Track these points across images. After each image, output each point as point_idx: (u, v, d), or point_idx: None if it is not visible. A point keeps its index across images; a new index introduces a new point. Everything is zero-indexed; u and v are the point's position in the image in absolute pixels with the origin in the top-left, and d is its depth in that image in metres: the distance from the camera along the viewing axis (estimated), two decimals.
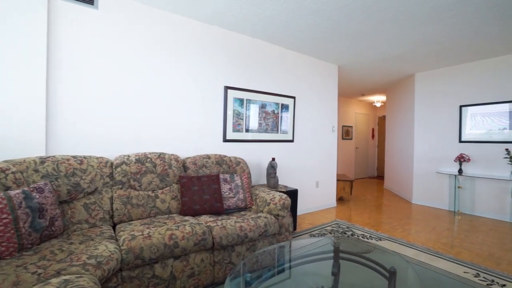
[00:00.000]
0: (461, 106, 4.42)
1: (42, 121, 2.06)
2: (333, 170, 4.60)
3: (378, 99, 7.94)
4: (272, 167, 3.11)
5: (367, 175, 8.71)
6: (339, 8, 2.61)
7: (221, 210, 2.37)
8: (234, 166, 2.84)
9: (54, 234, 1.65)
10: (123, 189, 2.16)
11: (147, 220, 2.07)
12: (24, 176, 1.75)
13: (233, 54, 3.24)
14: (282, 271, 1.73)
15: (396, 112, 6.11)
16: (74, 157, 2.02)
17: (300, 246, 2.03)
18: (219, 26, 3.09)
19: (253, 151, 3.45)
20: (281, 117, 3.72)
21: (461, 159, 4.24)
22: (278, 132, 3.70)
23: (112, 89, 2.43)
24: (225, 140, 3.17)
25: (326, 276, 1.63)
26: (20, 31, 1.96)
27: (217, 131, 3.12)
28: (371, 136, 8.92)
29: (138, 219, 2.12)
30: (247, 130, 3.37)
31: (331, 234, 3.12)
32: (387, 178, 6.57)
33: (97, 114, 2.35)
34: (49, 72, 2.13)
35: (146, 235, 1.70)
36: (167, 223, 1.96)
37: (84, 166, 2.02)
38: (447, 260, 2.48)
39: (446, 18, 2.79)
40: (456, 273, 2.23)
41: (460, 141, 4.43)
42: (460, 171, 4.24)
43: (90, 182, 2.01)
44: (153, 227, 1.85)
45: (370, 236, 3.09)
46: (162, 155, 2.43)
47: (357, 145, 8.25)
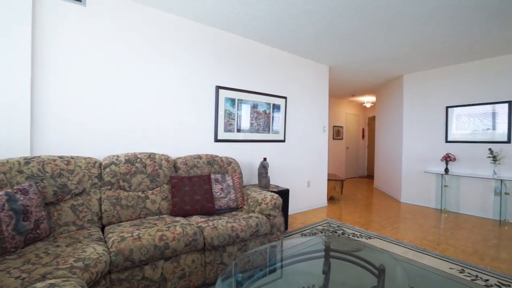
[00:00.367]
0: (447, 107, 4.54)
1: (26, 121, 2.00)
2: (324, 170, 4.64)
3: (368, 100, 8.08)
4: (263, 167, 3.12)
5: (358, 175, 8.84)
6: (331, 9, 2.64)
7: (212, 210, 2.36)
8: (226, 166, 2.83)
9: (40, 237, 1.61)
10: (112, 190, 2.12)
11: (137, 221, 2.04)
12: (7, 177, 1.69)
13: (224, 54, 3.23)
14: (273, 271, 1.74)
15: (385, 112, 6.23)
16: (61, 157, 1.97)
17: (291, 246, 2.04)
18: (211, 26, 3.07)
19: (244, 151, 3.44)
20: (272, 117, 3.73)
21: (447, 159, 4.35)
22: (269, 132, 3.71)
23: (101, 88, 2.38)
24: (216, 140, 3.15)
25: (317, 274, 1.64)
26: (1, 25, 1.89)
27: (208, 131, 3.10)
28: (361, 136, 9.06)
29: (127, 221, 2.08)
30: (239, 130, 3.36)
31: (322, 233, 3.15)
32: (377, 177, 6.69)
33: (85, 114, 2.30)
34: (34, 70, 2.06)
35: (136, 237, 1.68)
36: (158, 224, 1.93)
37: (71, 167, 1.97)
38: (434, 257, 2.54)
39: (433, 22, 2.86)
40: (442, 269, 2.29)
41: (446, 141, 4.55)
42: (446, 171, 4.36)
43: (78, 183, 1.96)
44: (143, 228, 1.82)
45: (360, 234, 3.13)
46: (152, 155, 2.40)
47: (347, 145, 8.36)
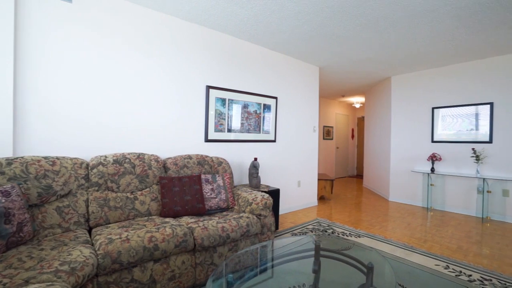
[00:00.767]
0: (433, 108, 4.67)
1: (9, 120, 1.93)
2: (314, 169, 4.69)
3: (358, 101, 8.21)
4: (254, 167, 3.12)
5: (347, 174, 8.97)
6: (320, 11, 2.67)
7: (203, 211, 2.34)
8: (216, 166, 2.81)
9: (23, 241, 1.55)
10: (100, 191, 2.08)
11: (126, 222, 2.00)
12: None
13: (215, 54, 3.21)
14: (264, 271, 1.74)
15: (374, 113, 6.34)
16: (46, 158, 1.91)
17: (282, 245, 2.05)
18: (202, 25, 3.05)
19: (235, 151, 3.44)
20: (263, 117, 3.74)
21: (433, 158, 4.48)
22: (260, 132, 3.71)
23: (88, 87, 2.32)
24: (207, 140, 3.13)
25: (308, 273, 1.66)
26: None
27: (198, 131, 3.08)
28: (351, 136, 9.20)
29: (116, 222, 2.04)
30: (229, 130, 3.35)
31: (313, 232, 3.18)
32: (366, 177, 6.80)
33: (71, 114, 2.24)
34: (17, 68, 1.99)
35: (125, 238, 1.65)
36: (147, 225, 1.90)
37: (56, 168, 1.91)
38: (420, 254, 2.61)
39: (419, 25, 2.93)
40: (428, 266, 2.35)
41: (432, 141, 4.68)
42: (432, 170, 4.48)
43: (64, 184, 1.91)
44: (132, 230, 1.79)
45: (349, 233, 3.18)
46: (141, 156, 2.36)
47: (337, 145, 8.47)
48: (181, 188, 2.33)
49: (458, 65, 4.37)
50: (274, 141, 3.91)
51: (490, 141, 4.02)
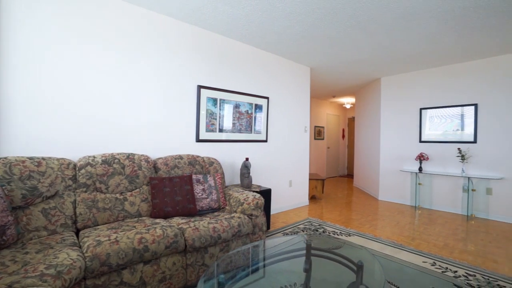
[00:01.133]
0: (421, 109, 4.78)
1: None
2: (305, 169, 4.72)
3: (348, 101, 8.32)
4: (245, 167, 3.12)
5: (338, 174, 9.08)
6: (312, 11, 2.69)
7: (194, 211, 2.32)
8: (207, 166, 2.80)
9: (6, 244, 1.50)
10: (88, 192, 2.03)
11: (115, 224, 1.97)
12: None
13: (207, 53, 3.19)
14: (256, 271, 1.74)
15: (364, 113, 6.44)
16: (31, 158, 1.85)
17: (273, 245, 2.06)
18: (193, 25, 3.02)
19: (226, 151, 3.43)
20: (255, 117, 3.74)
21: (421, 158, 4.58)
22: (252, 132, 3.71)
23: (75, 85, 2.26)
24: (198, 140, 3.11)
25: (299, 273, 1.67)
26: None
27: (189, 131, 3.06)
28: (342, 136, 9.32)
29: (104, 224, 2.00)
30: (221, 130, 3.34)
31: (304, 232, 3.21)
32: (356, 176, 6.90)
33: (58, 113, 2.18)
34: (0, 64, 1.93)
35: (114, 240, 1.62)
36: (137, 227, 1.88)
37: (42, 168, 1.86)
38: (409, 251, 2.67)
39: (407, 28, 3.00)
40: (416, 263, 2.41)
41: (420, 141, 4.79)
42: (420, 169, 4.59)
43: (50, 185, 1.86)
44: (121, 231, 1.76)
45: (340, 232, 3.22)
46: (131, 156, 2.32)
47: (328, 145, 8.56)
48: (172, 188, 2.30)
49: (445, 67, 4.49)
50: (265, 141, 3.91)
51: (475, 141, 4.14)
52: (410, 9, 2.59)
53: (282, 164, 4.24)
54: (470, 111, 4.21)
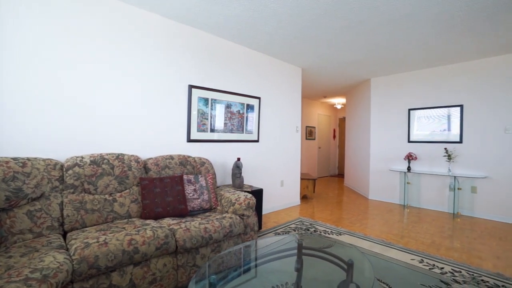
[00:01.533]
0: (409, 110, 4.88)
1: None
2: (297, 169, 4.75)
3: (339, 101, 8.42)
4: (237, 167, 3.11)
5: (329, 174, 9.17)
6: (304, 12, 2.71)
7: (185, 212, 2.30)
8: (199, 166, 2.78)
9: None
10: (76, 193, 1.98)
11: (104, 225, 1.93)
12: None
13: (198, 53, 3.17)
14: (247, 271, 1.74)
15: (354, 114, 6.53)
16: (15, 159, 1.80)
17: (265, 245, 2.06)
18: (184, 24, 3.00)
19: (218, 152, 3.41)
20: (246, 117, 3.74)
21: (409, 158, 4.68)
22: (243, 132, 3.71)
23: (63, 84, 2.21)
24: (189, 140, 3.08)
25: (290, 272, 1.68)
26: None
27: (181, 131, 3.03)
28: (333, 136, 9.42)
29: (93, 226, 1.96)
30: (212, 130, 3.32)
31: (295, 231, 3.22)
32: (347, 176, 6.99)
33: (44, 113, 2.12)
34: None
35: (102, 242, 1.59)
36: (126, 228, 1.84)
37: (27, 169, 1.80)
38: (397, 249, 2.72)
39: (395, 30, 3.06)
40: (404, 260, 2.46)
41: (409, 141, 4.89)
42: (409, 169, 4.69)
43: (35, 186, 1.81)
44: (110, 233, 1.72)
45: (331, 231, 3.25)
46: (121, 156, 2.28)
47: (319, 145, 8.64)
48: (162, 189, 2.27)
49: (432, 69, 4.60)
50: (257, 141, 3.92)
51: (461, 141, 4.26)
52: (399, 12, 2.64)
53: (274, 164, 4.25)
54: (456, 112, 4.33)
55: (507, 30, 3.04)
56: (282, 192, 4.42)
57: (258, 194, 3.19)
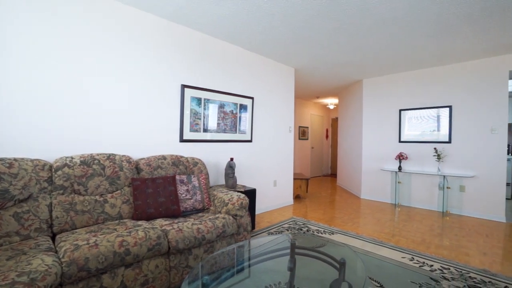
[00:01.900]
0: (400, 110, 4.96)
1: None
2: (290, 169, 4.77)
3: (332, 102, 8.49)
4: (230, 167, 3.11)
5: (322, 173, 9.24)
6: (297, 13, 2.72)
7: (177, 212, 2.28)
8: (192, 167, 2.76)
9: None
10: (65, 194, 1.95)
11: (94, 227, 1.89)
12: None
13: (191, 52, 3.15)
14: (240, 271, 1.74)
15: (347, 114, 6.60)
16: (1, 159, 1.75)
17: (258, 245, 2.06)
18: (177, 23, 2.97)
19: (211, 152, 3.40)
20: (239, 117, 3.74)
21: (400, 157, 4.76)
22: (236, 132, 3.70)
23: (52, 82, 2.16)
24: (182, 140, 3.06)
25: (283, 272, 1.68)
26: None
27: (173, 131, 3.00)
28: (325, 136, 9.49)
29: (83, 227, 1.92)
30: (205, 130, 3.30)
31: (288, 231, 3.24)
32: (340, 175, 7.06)
33: (32, 112, 2.07)
34: None
35: (93, 244, 1.56)
36: (118, 229, 1.82)
37: (14, 170, 1.76)
38: (389, 248, 2.76)
39: (387, 32, 3.10)
40: (396, 259, 2.50)
41: (399, 141, 4.97)
42: (399, 168, 4.77)
43: (23, 188, 1.76)
44: (100, 235, 1.69)
45: (324, 230, 3.28)
46: (112, 156, 2.25)
47: (312, 145, 8.69)
48: (154, 189, 2.25)
49: (422, 70, 4.69)
50: (250, 141, 3.92)
51: (449, 141, 4.36)
52: (390, 15, 2.68)
53: (267, 164, 4.26)
54: (445, 113, 4.43)
55: (493, 34, 3.12)
56: (275, 192, 4.43)
57: (251, 194, 3.19)
